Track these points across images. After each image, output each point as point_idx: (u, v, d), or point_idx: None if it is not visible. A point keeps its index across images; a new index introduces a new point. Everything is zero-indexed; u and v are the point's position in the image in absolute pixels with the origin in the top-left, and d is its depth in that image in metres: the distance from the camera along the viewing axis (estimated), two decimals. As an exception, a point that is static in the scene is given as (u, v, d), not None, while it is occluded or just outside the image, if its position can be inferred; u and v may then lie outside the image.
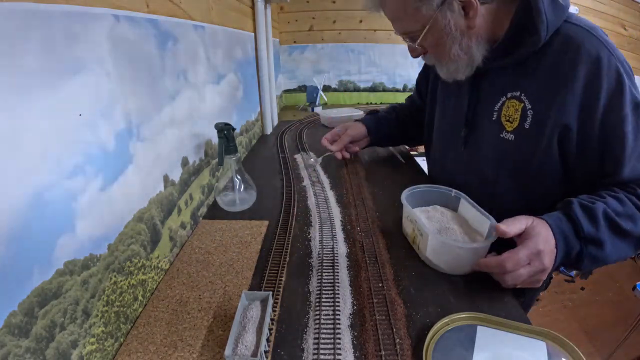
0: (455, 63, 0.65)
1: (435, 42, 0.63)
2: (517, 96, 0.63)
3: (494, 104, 0.67)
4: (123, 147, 0.47)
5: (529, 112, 0.62)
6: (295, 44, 2.09)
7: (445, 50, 0.63)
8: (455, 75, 0.68)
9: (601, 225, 0.53)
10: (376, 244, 0.66)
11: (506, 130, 0.66)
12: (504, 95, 0.66)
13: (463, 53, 0.63)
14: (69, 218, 0.37)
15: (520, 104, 0.63)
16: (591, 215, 0.54)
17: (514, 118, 0.64)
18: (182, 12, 0.67)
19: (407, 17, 0.62)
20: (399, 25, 0.66)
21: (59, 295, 0.36)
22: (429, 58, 0.70)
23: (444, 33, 0.60)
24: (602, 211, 0.54)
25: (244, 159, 1.15)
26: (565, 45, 0.58)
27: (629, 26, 2.26)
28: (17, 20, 0.30)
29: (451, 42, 0.61)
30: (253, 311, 0.47)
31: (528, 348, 0.44)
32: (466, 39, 0.61)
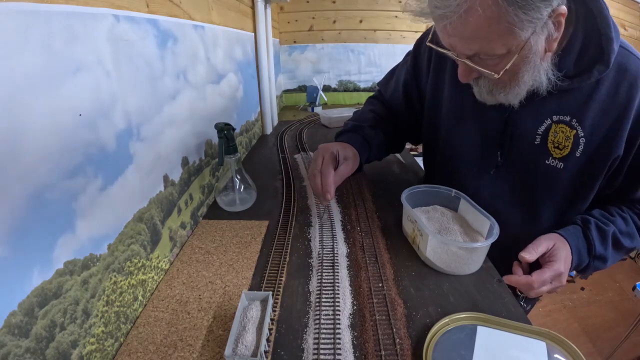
0: (517, 89, 0.56)
1: (512, 68, 0.51)
2: (567, 122, 0.59)
3: (537, 127, 0.61)
4: (123, 147, 0.47)
5: (581, 140, 0.58)
6: (295, 44, 2.09)
7: (515, 78, 0.54)
8: (506, 101, 0.58)
9: (609, 246, 0.61)
10: (376, 244, 0.66)
11: (553, 156, 0.61)
12: (549, 117, 0.60)
13: (532, 80, 0.54)
14: (69, 218, 0.37)
15: (572, 131, 0.58)
16: (603, 237, 0.61)
17: (564, 145, 0.60)
18: (182, 12, 0.67)
19: (493, 37, 0.48)
20: (474, 45, 0.50)
21: (59, 295, 0.36)
22: (483, 83, 0.59)
23: (526, 59, 0.51)
24: (612, 233, 0.60)
25: (244, 159, 1.15)
26: (621, 74, 0.55)
27: (629, 26, 2.26)
28: (17, 20, 0.30)
29: (528, 68, 0.52)
30: (253, 311, 0.47)
31: (528, 348, 0.44)
32: (539, 66, 0.53)
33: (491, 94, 0.59)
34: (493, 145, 0.67)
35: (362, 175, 0.98)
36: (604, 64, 0.53)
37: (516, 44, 0.48)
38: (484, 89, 0.59)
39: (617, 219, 0.62)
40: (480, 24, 0.47)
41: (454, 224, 0.64)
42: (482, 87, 0.59)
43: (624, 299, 1.94)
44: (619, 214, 0.63)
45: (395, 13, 2.03)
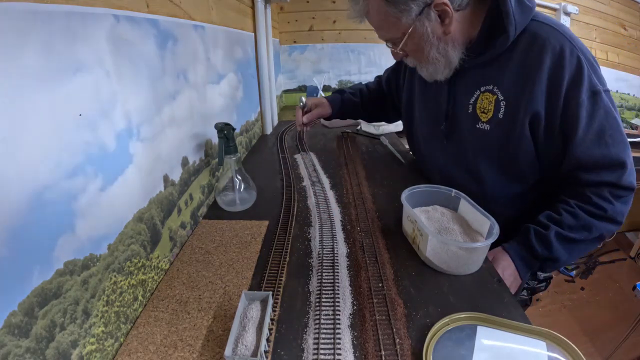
0: (433, 65, 0.71)
1: (415, 47, 0.69)
2: (490, 89, 0.70)
3: (469, 98, 0.73)
4: (123, 147, 0.47)
5: (501, 103, 0.68)
6: (295, 44, 2.09)
7: (424, 55, 0.69)
8: (434, 76, 0.74)
9: (553, 246, 0.65)
10: (376, 244, 0.66)
11: (481, 120, 0.72)
12: (478, 89, 0.72)
13: (441, 56, 0.69)
14: (69, 218, 0.37)
15: (493, 97, 0.69)
16: (544, 240, 0.66)
17: (488, 109, 0.70)
18: (182, 12, 0.67)
19: (389, 26, 0.67)
20: (382, 33, 0.72)
21: (59, 295, 0.36)
22: (410, 61, 0.76)
23: (422, 39, 0.66)
24: (554, 234, 0.65)
25: (244, 159, 1.15)
26: (532, 41, 0.64)
27: (629, 26, 2.26)
28: (17, 20, 0.30)
29: (429, 47, 0.67)
30: (253, 311, 0.47)
31: (528, 348, 0.44)
32: (443, 44, 0.67)
33: (421, 70, 0.76)
34: (440, 118, 0.81)
35: (362, 176, 0.98)
36: (505, 32, 0.63)
37: (404, 28, 0.66)
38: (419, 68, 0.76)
39: (563, 217, 0.66)
40: (377, 18, 0.68)
41: (454, 224, 0.64)
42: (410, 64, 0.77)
43: (624, 299, 1.94)
44: (567, 210, 0.66)
45: (395, 13, 2.03)
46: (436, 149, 0.85)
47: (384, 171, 1.03)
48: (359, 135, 1.42)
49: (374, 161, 1.12)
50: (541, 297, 1.92)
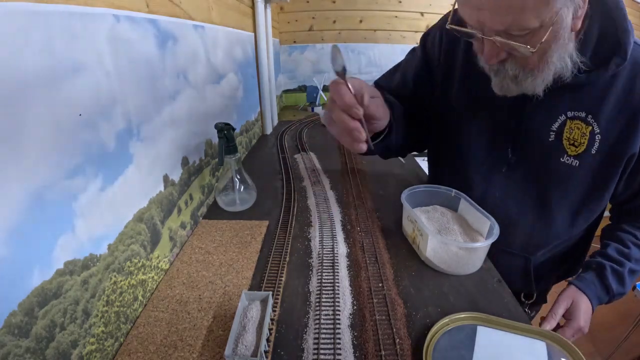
0: (544, 74, 0.52)
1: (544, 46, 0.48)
2: (582, 117, 0.57)
3: (551, 123, 0.59)
4: (123, 147, 0.47)
5: (597, 136, 0.56)
6: (295, 44, 2.09)
7: (543, 58, 0.50)
8: (532, 89, 0.54)
9: (626, 282, 0.63)
10: (376, 244, 0.66)
11: (568, 154, 0.59)
12: (563, 114, 0.58)
13: (560, 61, 0.51)
14: (69, 218, 0.37)
15: (587, 128, 0.56)
16: (620, 278, 0.63)
17: (579, 142, 0.58)
18: (182, 12, 0.67)
19: (528, 6, 0.44)
20: (506, 17, 0.45)
21: (59, 295, 0.36)
22: (510, 66, 0.53)
23: (557, 35, 0.48)
24: (628, 270, 0.62)
25: (244, 159, 1.15)
26: (637, 69, 0.54)
27: (629, 26, 2.25)
28: (17, 20, 0.30)
29: (557, 46, 0.49)
30: (253, 311, 0.47)
31: (528, 348, 0.44)
32: (569, 43, 0.50)
33: (516, 80, 0.54)
34: (504, 142, 0.64)
35: (362, 176, 0.98)
36: (622, 56, 0.51)
37: (549, 15, 0.45)
38: (509, 75, 0.54)
39: (632, 251, 0.63)
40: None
41: (454, 224, 0.64)
42: (508, 71, 0.54)
43: (624, 299, 1.93)
44: (634, 243, 0.64)
45: (395, 13, 2.03)
46: (488, 171, 0.68)
47: (384, 171, 1.03)
48: (359, 135, 1.41)
49: (374, 161, 1.12)
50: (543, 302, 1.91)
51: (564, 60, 0.51)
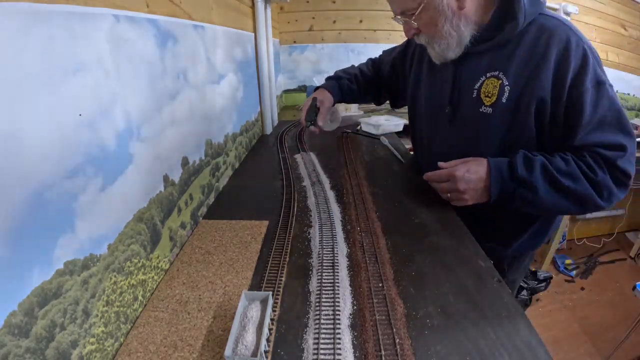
0: (446, 40, 0.72)
1: (429, 20, 0.70)
2: (495, 75, 0.71)
3: (474, 83, 0.74)
4: (123, 147, 0.47)
5: (506, 87, 0.69)
6: (295, 44, 2.09)
7: (437, 29, 0.70)
8: (445, 53, 0.74)
9: (536, 172, 0.65)
10: (376, 244, 0.65)
11: (485, 104, 0.73)
12: (484, 75, 0.73)
13: (453, 31, 0.70)
14: (69, 218, 0.37)
15: (498, 81, 0.70)
16: (529, 163, 0.67)
17: (492, 93, 0.71)
18: (182, 12, 0.67)
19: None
20: (397, 4, 0.73)
21: (59, 295, 0.36)
22: (422, 37, 0.76)
23: (437, 11, 0.68)
24: (541, 163, 0.66)
25: (244, 158, 1.15)
26: (540, 32, 0.67)
27: (629, 26, 2.26)
28: (17, 20, 0.30)
29: (443, 20, 0.69)
30: (253, 311, 0.47)
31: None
32: (456, 19, 0.69)
33: (430, 47, 0.76)
34: (445, 102, 0.81)
35: (362, 176, 0.98)
36: (514, 19, 0.65)
37: None
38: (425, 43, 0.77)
39: (555, 158, 0.66)
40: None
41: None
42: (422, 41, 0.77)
43: (624, 299, 1.94)
44: (560, 156, 0.67)
45: (395, 13, 2.03)
46: (439, 132, 0.86)
47: (384, 171, 1.03)
48: (359, 135, 1.42)
49: (374, 161, 1.12)
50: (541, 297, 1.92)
51: (458, 29, 0.70)
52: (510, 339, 0.46)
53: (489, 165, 0.69)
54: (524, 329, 0.47)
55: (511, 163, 0.68)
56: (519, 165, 0.66)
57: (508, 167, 0.68)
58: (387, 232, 0.70)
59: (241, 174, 1.02)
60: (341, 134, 1.42)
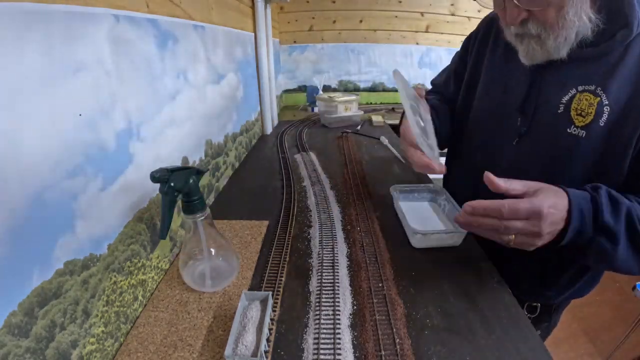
0: (565, 32, 0.55)
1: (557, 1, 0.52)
2: (591, 90, 0.57)
3: (561, 96, 0.60)
4: (123, 147, 0.47)
5: (605, 107, 0.56)
6: (295, 44, 2.09)
7: (560, 13, 0.54)
8: (558, 51, 0.57)
9: (621, 220, 0.50)
10: (376, 244, 0.66)
11: (575, 125, 0.58)
12: (575, 87, 0.59)
13: (577, 19, 0.54)
14: (69, 218, 0.37)
15: (595, 99, 0.57)
16: (615, 205, 0.51)
17: (587, 112, 0.57)
18: (182, 12, 0.67)
19: None
20: None
21: (59, 295, 0.36)
22: (532, 25, 0.57)
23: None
24: (627, 208, 0.51)
25: (244, 159, 1.15)
26: None
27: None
28: (17, 20, 0.30)
29: (571, 2, 0.52)
30: (253, 311, 0.47)
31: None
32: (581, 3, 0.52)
33: (539, 41, 0.57)
34: (513, 109, 0.65)
35: (362, 176, 0.98)
36: (628, 27, 0.52)
37: None
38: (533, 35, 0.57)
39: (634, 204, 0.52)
40: None
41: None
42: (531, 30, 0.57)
43: (624, 299, 1.93)
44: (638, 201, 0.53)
45: (395, 13, 2.03)
46: (501, 144, 0.69)
47: (384, 171, 1.03)
48: (359, 135, 1.42)
49: (374, 161, 1.12)
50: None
51: (581, 18, 0.53)
52: (510, 339, 0.46)
53: (570, 201, 0.50)
54: (524, 329, 0.47)
55: (595, 201, 0.51)
56: (605, 207, 0.50)
57: (591, 206, 0.51)
58: (387, 232, 0.70)
59: (241, 174, 1.02)
60: (341, 133, 1.42)
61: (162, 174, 0.45)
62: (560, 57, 0.58)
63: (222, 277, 0.56)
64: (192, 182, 0.48)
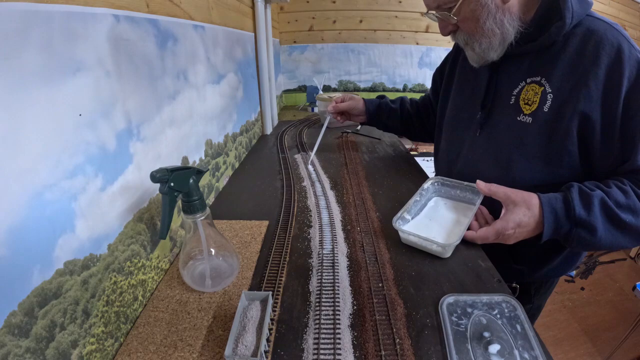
0: (488, 39, 0.64)
1: (470, 15, 0.63)
2: (537, 81, 0.64)
3: (513, 89, 0.67)
4: (123, 147, 0.47)
5: (549, 95, 0.62)
6: (295, 44, 2.09)
7: (479, 25, 0.63)
8: (487, 54, 0.66)
9: (595, 210, 0.56)
10: (376, 244, 0.66)
11: (524, 113, 0.65)
12: (524, 80, 0.66)
13: (497, 28, 0.62)
14: (69, 218, 0.37)
15: (540, 88, 0.63)
16: (587, 199, 0.57)
17: (532, 101, 0.64)
18: (182, 12, 0.67)
19: None
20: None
21: (59, 295, 0.36)
22: (460, 36, 0.69)
23: (479, 5, 0.61)
24: (600, 199, 0.56)
25: (244, 158, 1.15)
26: (588, 36, 0.59)
27: (629, 26, 2.26)
28: (17, 20, 0.30)
29: (486, 15, 0.61)
30: (253, 311, 0.47)
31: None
32: (500, 14, 0.61)
33: (468, 47, 0.68)
34: (477, 107, 0.75)
35: (362, 176, 0.98)
36: (561, 19, 0.59)
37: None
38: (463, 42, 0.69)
39: (612, 190, 0.57)
40: None
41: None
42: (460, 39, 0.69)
43: (624, 299, 1.94)
44: (617, 185, 0.58)
45: (395, 13, 2.03)
46: (465, 138, 0.78)
47: (384, 171, 1.03)
48: (359, 135, 1.42)
49: (374, 161, 1.12)
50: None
51: (502, 26, 0.62)
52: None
53: (542, 208, 0.58)
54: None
55: (566, 200, 0.58)
56: (576, 203, 0.56)
57: (563, 205, 0.58)
58: (387, 232, 0.70)
59: (241, 174, 1.02)
60: (341, 133, 1.42)
61: (162, 174, 0.45)
62: (492, 60, 0.67)
63: (222, 277, 0.56)
64: (192, 182, 0.48)
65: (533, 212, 0.58)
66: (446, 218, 0.72)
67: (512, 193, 0.61)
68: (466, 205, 0.74)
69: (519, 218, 0.59)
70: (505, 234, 0.60)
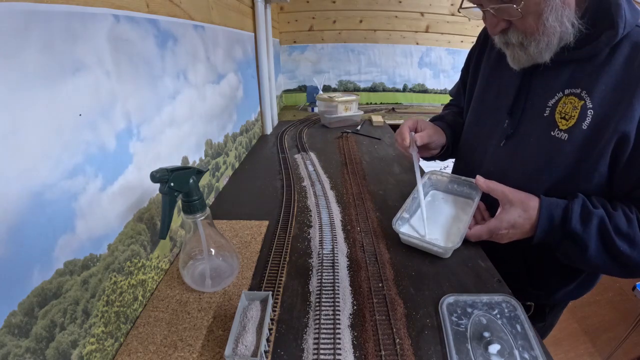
0: (547, 38, 0.56)
1: (535, 7, 0.53)
2: (577, 93, 0.57)
3: (548, 99, 0.61)
4: (123, 147, 0.47)
5: (589, 111, 0.56)
6: (295, 44, 2.09)
7: (540, 21, 0.54)
8: (542, 55, 0.58)
9: (591, 228, 0.54)
10: (376, 244, 0.66)
11: (559, 128, 0.59)
12: (562, 91, 0.59)
13: (558, 25, 0.54)
14: (69, 218, 0.37)
15: (580, 102, 0.57)
16: (586, 215, 0.54)
17: (570, 115, 0.58)
18: (182, 12, 0.67)
19: None
20: None
21: (59, 295, 0.36)
22: (513, 34, 0.59)
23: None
24: (600, 218, 0.54)
25: (244, 158, 1.15)
26: (636, 49, 0.53)
27: (629, 26, 2.25)
28: (17, 20, 0.30)
29: (549, 9, 0.53)
30: (253, 311, 0.47)
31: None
32: (562, 10, 0.53)
33: (522, 47, 0.58)
34: (503, 113, 0.67)
35: (362, 176, 0.98)
36: (613, 28, 0.52)
37: None
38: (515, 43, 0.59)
39: (617, 213, 0.54)
40: None
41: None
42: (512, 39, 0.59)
43: (624, 299, 1.93)
44: (624, 212, 0.55)
45: (395, 13, 2.03)
46: (488, 148, 0.71)
47: (384, 171, 1.03)
48: (359, 135, 1.42)
49: (374, 161, 1.12)
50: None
51: (562, 23, 0.54)
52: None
53: (540, 212, 0.57)
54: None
55: (567, 209, 0.56)
56: (575, 215, 0.54)
57: (562, 213, 0.56)
58: (387, 232, 0.70)
59: (241, 174, 1.02)
60: (341, 133, 1.42)
61: (162, 174, 0.45)
62: (544, 62, 0.58)
63: (222, 277, 0.55)
64: (192, 182, 0.48)
65: (529, 214, 0.57)
66: (444, 214, 0.72)
67: (510, 192, 0.60)
68: (464, 199, 0.75)
69: (513, 219, 0.58)
70: (498, 234, 0.60)
